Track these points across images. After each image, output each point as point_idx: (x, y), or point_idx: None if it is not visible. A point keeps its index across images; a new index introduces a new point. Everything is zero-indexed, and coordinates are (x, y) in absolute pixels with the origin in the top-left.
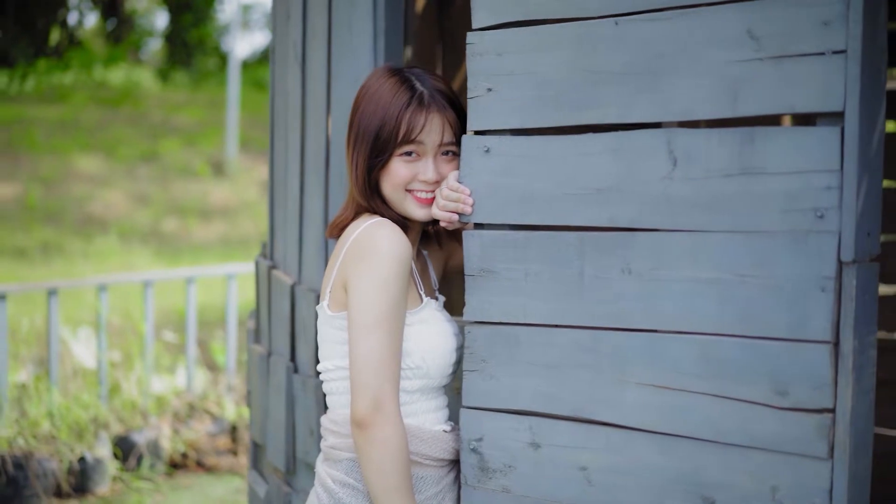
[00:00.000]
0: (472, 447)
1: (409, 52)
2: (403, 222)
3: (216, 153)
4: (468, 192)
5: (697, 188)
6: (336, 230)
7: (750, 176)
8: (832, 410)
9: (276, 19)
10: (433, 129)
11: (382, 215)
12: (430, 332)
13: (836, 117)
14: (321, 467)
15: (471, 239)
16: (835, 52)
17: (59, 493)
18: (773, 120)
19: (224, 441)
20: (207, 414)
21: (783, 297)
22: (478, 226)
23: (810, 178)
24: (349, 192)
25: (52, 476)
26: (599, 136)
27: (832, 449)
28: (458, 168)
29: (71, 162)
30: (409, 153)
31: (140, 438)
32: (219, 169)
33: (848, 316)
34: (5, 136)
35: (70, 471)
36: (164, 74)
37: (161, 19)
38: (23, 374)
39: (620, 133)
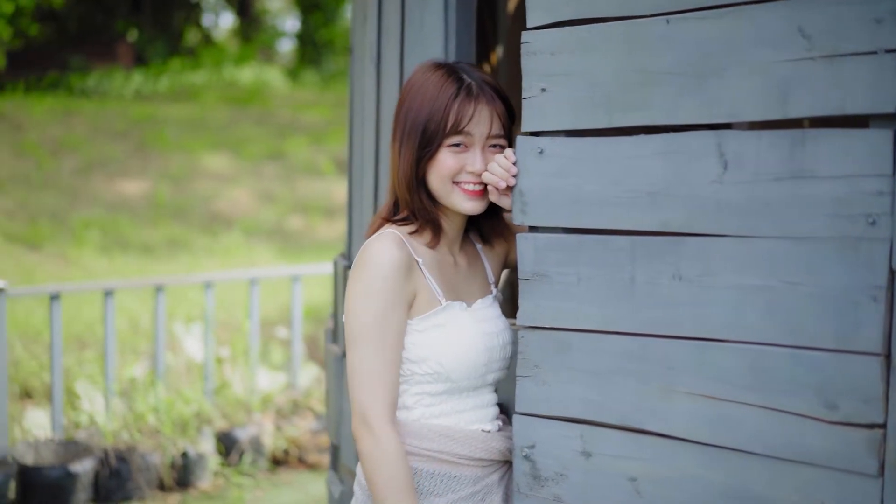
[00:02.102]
0: (524, 454)
1: (500, 51)
2: (437, 223)
3: (341, 152)
4: (515, 171)
5: (747, 192)
6: (367, 236)
7: (800, 180)
8: (883, 426)
9: (354, 20)
10: (482, 119)
11: (421, 212)
12: (447, 336)
13: (889, 119)
14: (359, 466)
15: (525, 242)
16: (887, 51)
17: (161, 487)
18: (825, 122)
19: (326, 438)
20: (311, 411)
21: (832, 307)
22: (532, 228)
23: (861, 183)
24: (389, 194)
25: (154, 470)
26: (650, 138)
27: (882, 466)
28: None
29: (199, 160)
30: (457, 144)
31: (242, 435)
32: (343, 167)
33: None
34: (137, 134)
35: (173, 465)
36: (293, 74)
37: (292, 19)
38: (138, 368)
39: (671, 135)
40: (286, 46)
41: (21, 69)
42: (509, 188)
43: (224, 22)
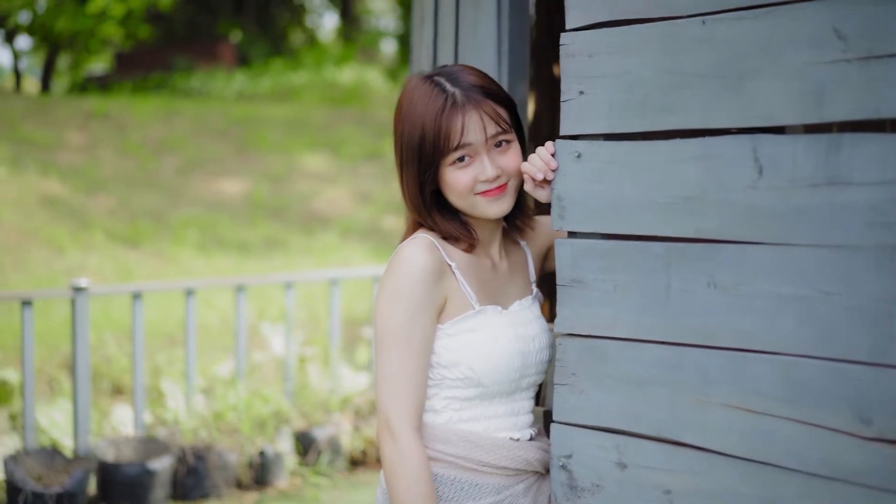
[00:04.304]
0: (561, 464)
1: None
2: (464, 234)
3: None
4: (555, 165)
5: (782, 198)
6: (404, 238)
7: (835, 186)
8: None
9: (414, 22)
10: (474, 127)
11: (441, 230)
12: (480, 341)
13: None
14: (381, 470)
15: (562, 247)
16: None
17: (239, 485)
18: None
19: None
20: None
21: (867, 318)
22: (571, 234)
23: None
24: (407, 213)
25: (232, 468)
26: (686, 142)
27: None
28: (516, 157)
29: (298, 160)
30: (460, 159)
31: (321, 434)
32: None
33: None
34: (238, 134)
35: (250, 464)
36: (393, 74)
37: (397, 20)
38: (224, 367)
39: (706, 139)
40: (391, 47)
41: (128, 70)
42: (546, 181)
43: (328, 23)
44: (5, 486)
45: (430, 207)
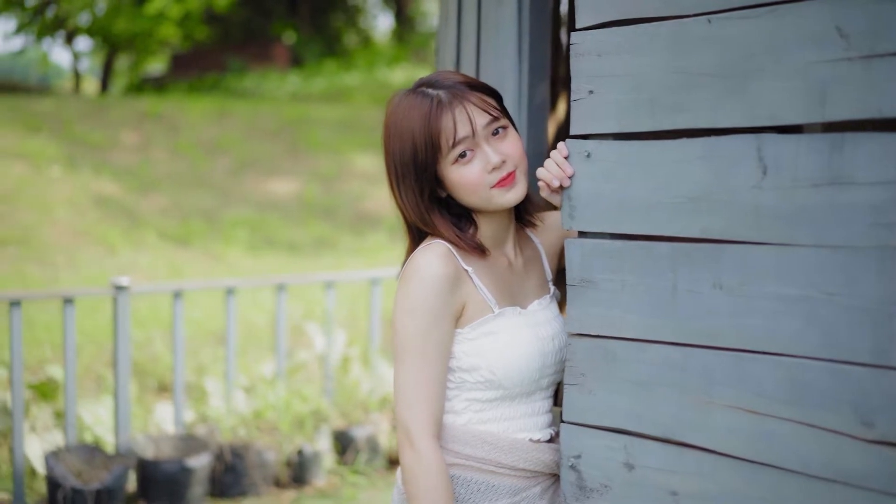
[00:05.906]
0: (570, 464)
1: None
2: (473, 246)
3: None
4: (571, 171)
5: (786, 199)
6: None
7: (838, 186)
8: None
9: (439, 21)
10: (466, 120)
11: (443, 236)
12: (500, 344)
13: None
14: (398, 470)
15: (572, 247)
16: None
17: (277, 484)
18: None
19: None
20: None
21: (869, 319)
22: (581, 234)
23: None
24: (406, 230)
25: (270, 466)
26: (692, 142)
27: None
28: (515, 142)
29: (348, 160)
30: (462, 155)
31: (359, 433)
32: None
33: None
34: (290, 134)
35: (288, 462)
36: None
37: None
38: (268, 366)
39: (712, 139)
40: None
41: (183, 71)
42: (562, 187)
43: (382, 24)
44: (46, 481)
45: (434, 214)
